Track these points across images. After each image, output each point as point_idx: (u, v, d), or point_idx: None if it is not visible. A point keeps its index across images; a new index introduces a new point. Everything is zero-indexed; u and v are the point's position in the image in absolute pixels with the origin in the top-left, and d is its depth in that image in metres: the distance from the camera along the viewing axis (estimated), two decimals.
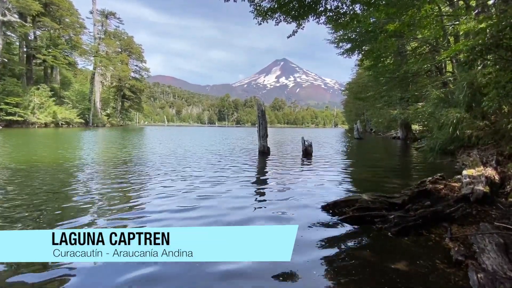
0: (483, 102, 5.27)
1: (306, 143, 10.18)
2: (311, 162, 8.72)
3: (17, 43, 37.54)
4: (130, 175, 5.99)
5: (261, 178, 6.20)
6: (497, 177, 4.54)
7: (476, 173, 4.43)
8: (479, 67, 6.47)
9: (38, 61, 40.45)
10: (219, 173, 6.45)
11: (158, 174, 6.12)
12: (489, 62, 5.73)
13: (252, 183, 5.52)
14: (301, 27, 6.02)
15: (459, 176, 4.84)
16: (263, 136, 10.09)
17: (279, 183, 5.53)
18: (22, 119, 33.84)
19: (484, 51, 4.48)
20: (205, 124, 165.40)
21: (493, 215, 3.26)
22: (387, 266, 2.29)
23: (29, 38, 38.72)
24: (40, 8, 36.05)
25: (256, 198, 4.38)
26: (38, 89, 37.07)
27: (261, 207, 3.89)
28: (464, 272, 2.13)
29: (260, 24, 5.80)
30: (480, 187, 3.79)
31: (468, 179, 4.24)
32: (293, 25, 5.98)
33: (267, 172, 7.07)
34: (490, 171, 4.65)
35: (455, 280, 2.07)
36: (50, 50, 39.51)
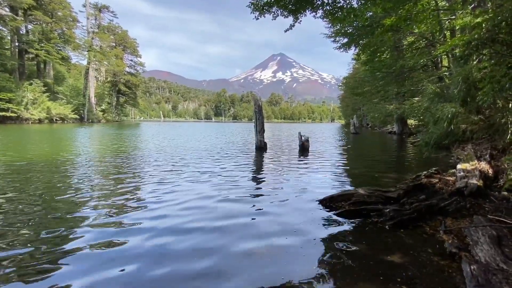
0: (478, 97, 5.31)
1: (303, 138, 10.20)
2: (307, 157, 8.76)
3: (9, 38, 36.69)
4: (129, 171, 5.96)
5: (257, 173, 6.21)
6: (490, 171, 4.61)
7: (470, 167, 4.50)
8: (475, 62, 6.50)
9: (31, 55, 39.67)
10: (216, 168, 6.44)
11: (156, 170, 6.09)
12: (484, 57, 5.75)
13: (249, 178, 5.53)
14: (298, 21, 5.98)
15: (453, 170, 4.91)
16: (260, 131, 10.08)
17: (275, 178, 5.55)
18: (16, 115, 33.31)
19: (480, 45, 4.49)
20: (202, 119, 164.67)
21: (487, 208, 3.32)
22: (383, 258, 2.33)
23: (21, 32, 37.90)
24: (31, 1, 35.23)
25: (253, 193, 4.39)
26: (31, 84, 36.46)
27: (257, 202, 3.91)
28: (458, 264, 2.17)
29: (258, 19, 5.75)
30: (474, 181, 3.84)
31: (462, 173, 4.30)
32: (291, 19, 5.93)
33: (264, 167, 7.08)
34: (484, 165, 4.71)
35: (449, 271, 2.11)
36: (42, 45, 38.75)
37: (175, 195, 4.15)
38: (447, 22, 10.10)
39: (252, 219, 3.25)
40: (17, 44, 37.42)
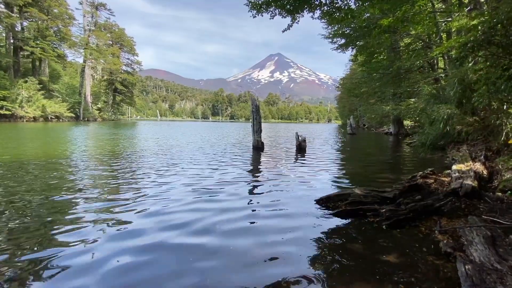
0: (473, 98, 5.37)
1: (300, 138, 10.22)
2: (304, 157, 8.77)
3: (3, 35, 36.25)
4: (128, 169, 5.91)
5: (255, 173, 6.20)
6: (485, 172, 4.65)
7: (465, 168, 4.54)
8: (470, 64, 6.56)
9: (26, 53, 39.22)
10: (213, 168, 6.41)
11: (153, 168, 6.05)
12: (480, 59, 5.81)
13: (246, 177, 5.52)
14: (296, 21, 5.97)
15: (449, 171, 4.94)
16: (257, 131, 10.07)
17: (273, 178, 5.55)
18: (10, 112, 32.90)
19: (476, 47, 4.53)
20: (199, 118, 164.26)
21: (481, 208, 3.35)
22: (379, 258, 2.34)
23: (16, 29, 37.44)
24: None
25: (250, 193, 4.39)
26: (26, 82, 36.04)
27: (254, 202, 3.89)
28: (453, 263, 2.18)
29: (255, 17, 5.74)
30: (469, 182, 3.87)
31: (457, 174, 4.33)
32: (289, 19, 5.92)
33: (261, 167, 7.07)
34: (478, 166, 4.76)
35: (444, 271, 2.12)
36: (38, 42, 38.35)
37: (172, 193, 4.11)
38: (443, 24, 10.19)
39: (248, 218, 3.24)
40: (12, 41, 36.92)
